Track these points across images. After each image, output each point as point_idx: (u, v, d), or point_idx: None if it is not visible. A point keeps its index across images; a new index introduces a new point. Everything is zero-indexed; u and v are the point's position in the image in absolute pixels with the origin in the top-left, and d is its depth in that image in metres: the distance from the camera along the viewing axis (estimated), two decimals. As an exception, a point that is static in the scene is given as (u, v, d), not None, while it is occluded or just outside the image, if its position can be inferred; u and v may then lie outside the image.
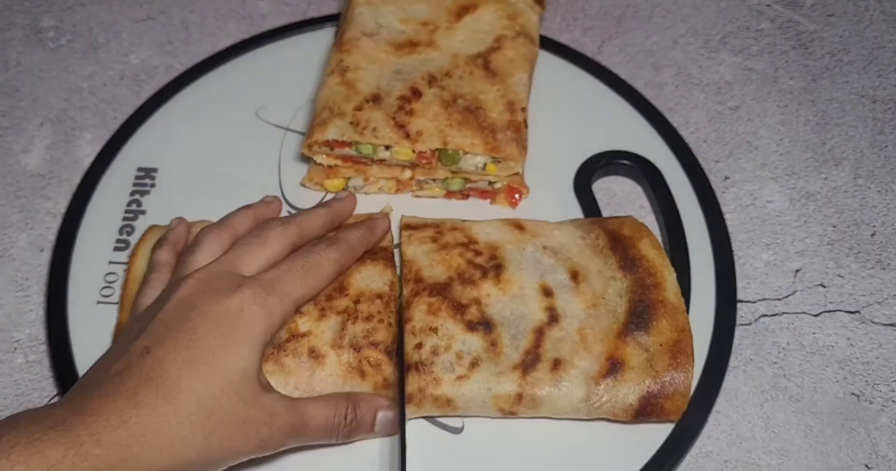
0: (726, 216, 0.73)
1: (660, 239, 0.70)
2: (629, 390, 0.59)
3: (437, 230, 0.66)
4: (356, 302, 0.61)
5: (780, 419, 0.64)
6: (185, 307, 0.53)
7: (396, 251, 0.70)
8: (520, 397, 0.59)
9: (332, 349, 0.59)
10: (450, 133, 0.68)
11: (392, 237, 0.67)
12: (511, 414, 0.60)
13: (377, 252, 0.64)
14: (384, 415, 0.59)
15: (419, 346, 0.60)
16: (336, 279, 0.61)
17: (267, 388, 0.55)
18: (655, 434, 0.62)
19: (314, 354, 0.59)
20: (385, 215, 0.68)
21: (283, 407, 0.54)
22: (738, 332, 0.68)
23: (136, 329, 0.54)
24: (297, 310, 0.59)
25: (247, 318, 0.54)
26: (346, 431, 0.58)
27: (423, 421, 0.63)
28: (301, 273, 0.58)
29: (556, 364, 0.60)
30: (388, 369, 0.59)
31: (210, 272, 0.56)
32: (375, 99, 0.70)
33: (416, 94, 0.70)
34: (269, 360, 0.58)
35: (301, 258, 0.59)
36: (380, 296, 0.61)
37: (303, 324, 0.60)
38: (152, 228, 0.69)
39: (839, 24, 0.88)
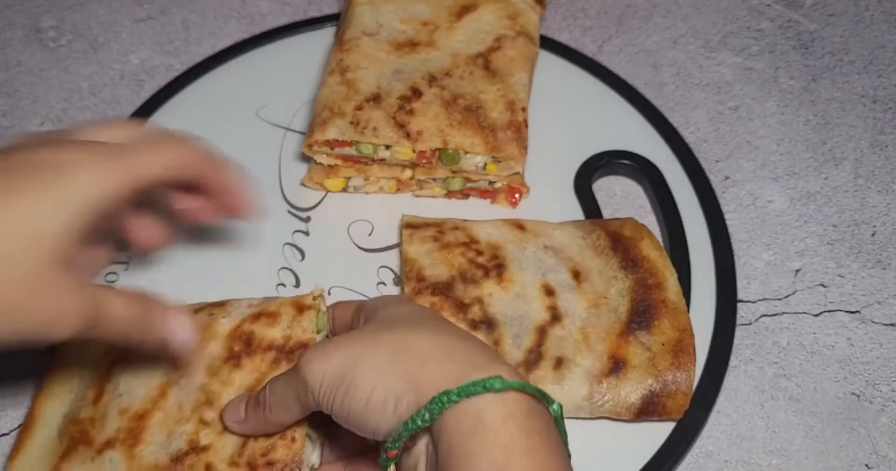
0: (726, 216, 0.73)
1: (660, 239, 0.70)
2: (631, 389, 0.59)
3: (438, 230, 0.66)
4: None
5: (781, 419, 0.64)
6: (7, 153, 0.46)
7: (394, 251, 0.70)
8: (522, 395, 0.59)
9: (228, 468, 0.53)
10: (450, 133, 0.68)
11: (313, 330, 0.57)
12: (513, 413, 0.60)
13: (287, 354, 0.56)
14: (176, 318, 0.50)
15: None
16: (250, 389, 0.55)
17: (68, 270, 0.45)
18: (655, 434, 0.62)
19: None
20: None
21: (78, 294, 0.45)
22: (738, 332, 0.68)
23: None
24: (202, 420, 0.54)
25: (75, 171, 0.45)
26: (143, 325, 0.49)
27: (423, 421, 0.63)
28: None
29: (559, 362, 0.60)
30: None
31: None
32: (376, 98, 0.70)
33: (417, 93, 0.70)
34: None
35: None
36: None
37: (205, 436, 0.54)
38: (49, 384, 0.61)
39: (839, 23, 0.88)
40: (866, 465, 0.63)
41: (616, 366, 0.60)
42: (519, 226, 0.67)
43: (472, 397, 0.42)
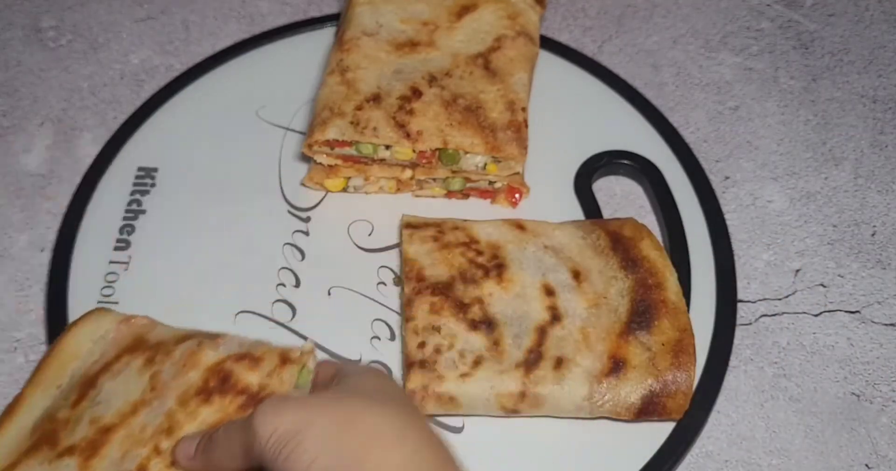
0: (726, 216, 0.73)
1: (660, 239, 0.70)
2: (631, 389, 0.59)
3: (438, 230, 0.66)
4: None
5: (781, 419, 0.64)
6: None
7: (394, 251, 0.70)
8: (523, 395, 0.59)
9: None
10: (450, 133, 0.68)
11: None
12: (514, 412, 0.60)
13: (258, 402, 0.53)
14: None
15: (422, 345, 0.60)
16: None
17: None
18: (656, 434, 0.62)
19: None
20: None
21: None
22: (738, 332, 0.68)
23: None
24: (157, 448, 0.53)
25: None
26: None
27: (423, 421, 0.62)
28: None
29: (559, 363, 0.60)
30: None
31: None
32: (376, 98, 0.70)
33: (417, 93, 0.70)
34: None
35: None
36: None
37: (154, 465, 0.53)
38: (99, 310, 0.63)
39: (839, 23, 0.88)
40: (866, 465, 0.63)
41: (616, 366, 0.60)
42: (519, 226, 0.67)
43: None
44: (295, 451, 0.44)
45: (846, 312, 0.70)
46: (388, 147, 0.69)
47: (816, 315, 0.70)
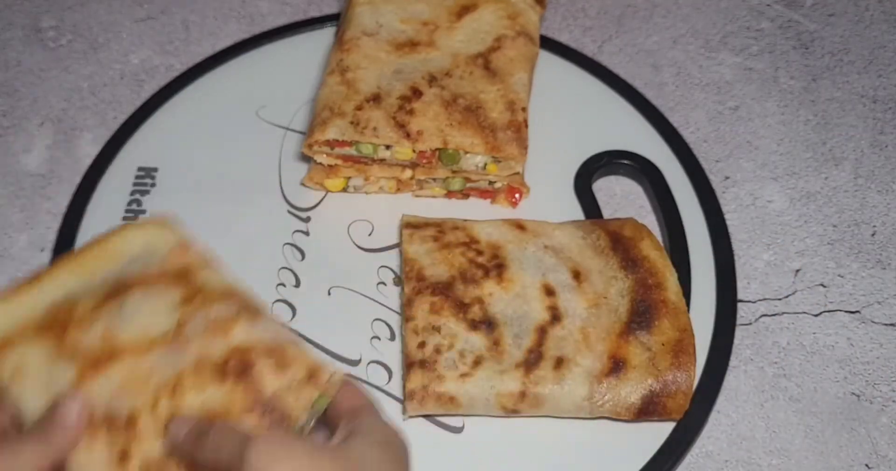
0: (726, 216, 0.73)
1: (660, 239, 0.70)
2: (631, 389, 0.59)
3: (438, 229, 0.66)
4: None
5: (781, 419, 0.64)
6: None
7: (394, 251, 0.70)
8: (523, 394, 0.59)
9: (139, 464, 0.51)
10: (450, 133, 0.68)
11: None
12: (514, 412, 0.60)
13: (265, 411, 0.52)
14: None
15: (422, 345, 0.60)
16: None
17: None
18: (655, 434, 0.62)
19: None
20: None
21: None
22: (738, 332, 0.68)
23: None
24: (155, 405, 0.53)
25: None
26: None
27: (423, 420, 0.63)
28: None
29: (559, 362, 0.60)
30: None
31: None
32: (376, 98, 0.70)
33: (417, 93, 0.70)
34: None
35: None
36: None
37: (144, 424, 0.52)
38: (167, 222, 0.60)
39: (839, 23, 0.88)
40: (866, 465, 0.63)
41: (616, 366, 0.60)
42: (519, 226, 0.67)
43: None
44: None
45: (846, 312, 0.70)
46: (388, 147, 0.69)
47: (816, 315, 0.70)
